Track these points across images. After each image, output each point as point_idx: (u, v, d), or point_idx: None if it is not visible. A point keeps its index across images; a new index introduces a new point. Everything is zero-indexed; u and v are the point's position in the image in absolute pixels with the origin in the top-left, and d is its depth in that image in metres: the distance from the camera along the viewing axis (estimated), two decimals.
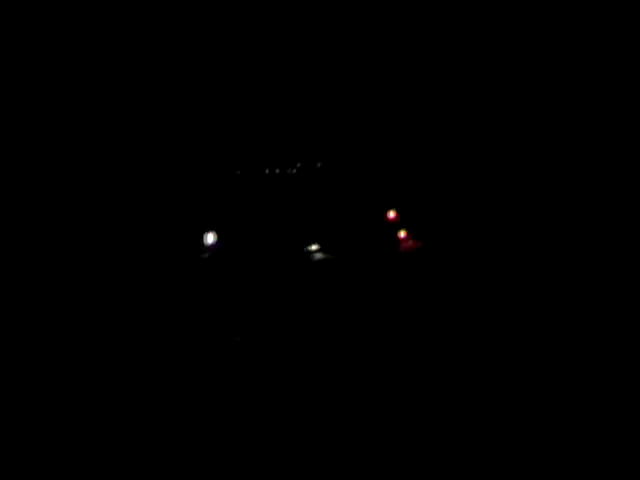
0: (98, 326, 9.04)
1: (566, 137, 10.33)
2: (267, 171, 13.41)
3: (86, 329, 8.90)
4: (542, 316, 9.01)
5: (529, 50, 10.70)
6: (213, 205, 11.94)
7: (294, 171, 13.68)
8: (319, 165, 13.86)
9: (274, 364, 8.87)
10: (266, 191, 13.42)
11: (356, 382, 8.52)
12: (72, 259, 9.52)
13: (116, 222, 10.84)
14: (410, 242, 13.48)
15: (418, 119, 11.97)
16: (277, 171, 13.58)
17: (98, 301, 9.32)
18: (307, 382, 8.52)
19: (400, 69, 12.11)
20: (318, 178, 13.93)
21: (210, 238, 12.33)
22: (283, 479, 7.49)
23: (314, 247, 12.82)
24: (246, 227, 12.84)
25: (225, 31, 10.92)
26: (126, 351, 8.82)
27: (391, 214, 13.36)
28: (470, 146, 12.37)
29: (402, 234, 13.07)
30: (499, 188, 11.82)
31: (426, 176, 13.24)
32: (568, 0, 10.47)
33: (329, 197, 13.84)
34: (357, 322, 9.76)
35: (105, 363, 8.62)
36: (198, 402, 8.25)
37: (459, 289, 10.25)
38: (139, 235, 11.06)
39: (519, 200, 10.92)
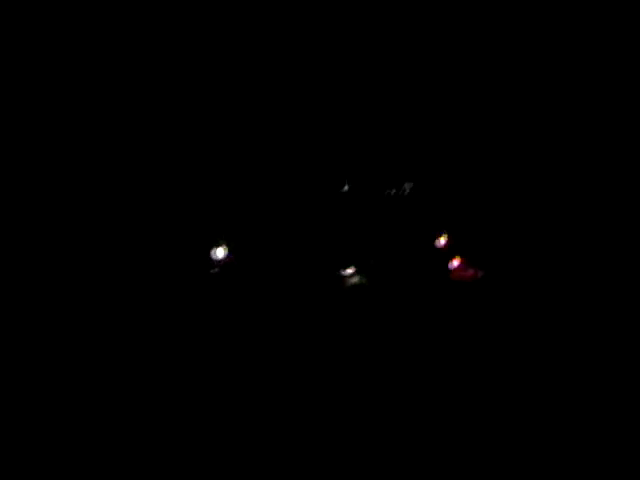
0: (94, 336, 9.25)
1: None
2: (298, 179, 11.03)
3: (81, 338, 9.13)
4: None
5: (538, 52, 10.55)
6: (225, 213, 10.67)
7: (329, 181, 11.25)
8: (357, 177, 11.21)
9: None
10: (295, 202, 11.11)
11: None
12: (72, 267, 9.71)
13: (117, 228, 10.23)
14: (465, 271, 12.46)
15: (467, 130, 10.74)
16: (310, 180, 11.14)
17: (95, 311, 9.53)
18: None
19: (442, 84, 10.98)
20: (358, 192, 11.35)
21: (220, 252, 10.52)
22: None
23: (349, 271, 11.68)
24: (266, 241, 10.94)
25: (227, 33, 10.54)
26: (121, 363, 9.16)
27: (442, 241, 11.47)
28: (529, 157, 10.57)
29: (455, 262, 12.42)
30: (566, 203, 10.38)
31: (481, 192, 10.79)
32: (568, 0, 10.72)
33: (371, 214, 11.51)
34: (389, 365, 9.38)
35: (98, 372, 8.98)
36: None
37: (525, 330, 9.72)
38: (139, 245, 10.22)
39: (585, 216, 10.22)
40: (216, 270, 10.22)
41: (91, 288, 9.48)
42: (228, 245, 10.21)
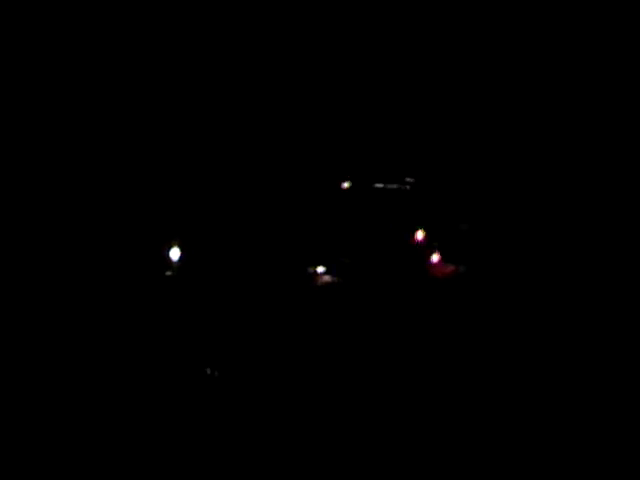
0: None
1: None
2: (265, 175, 10.86)
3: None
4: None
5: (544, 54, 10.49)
6: (181, 212, 10.47)
7: (299, 174, 10.99)
8: (329, 169, 10.98)
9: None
10: (261, 197, 10.68)
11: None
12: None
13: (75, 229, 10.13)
14: (444, 267, 11.79)
15: (446, 129, 11.03)
16: (279, 175, 10.90)
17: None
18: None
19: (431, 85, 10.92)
20: (329, 184, 10.91)
21: (175, 253, 10.32)
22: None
23: (319, 269, 11.09)
24: (226, 239, 10.57)
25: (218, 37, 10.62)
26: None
27: (419, 235, 11.04)
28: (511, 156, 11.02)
29: (434, 258, 11.64)
30: (548, 203, 10.75)
31: (460, 187, 11.00)
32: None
33: (342, 207, 10.95)
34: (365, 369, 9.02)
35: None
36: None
37: (503, 324, 9.52)
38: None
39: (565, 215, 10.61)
40: (172, 272, 9.88)
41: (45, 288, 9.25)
42: (184, 246, 9.90)
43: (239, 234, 10.50)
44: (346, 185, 11.18)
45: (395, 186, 11.21)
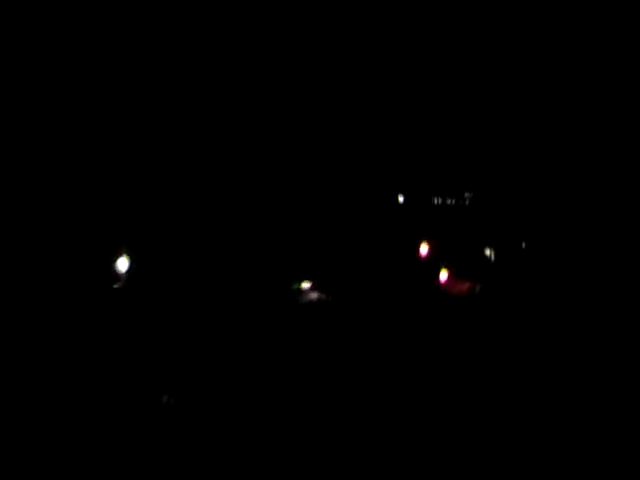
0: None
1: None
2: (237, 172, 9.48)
3: None
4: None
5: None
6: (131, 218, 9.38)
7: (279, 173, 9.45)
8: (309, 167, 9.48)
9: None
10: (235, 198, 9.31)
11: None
12: None
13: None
14: (458, 284, 10.69)
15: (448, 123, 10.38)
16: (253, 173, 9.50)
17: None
18: None
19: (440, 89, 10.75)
20: (311, 183, 9.28)
21: (123, 264, 9.13)
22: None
23: (304, 285, 9.60)
24: (189, 248, 9.34)
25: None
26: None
27: (423, 249, 9.84)
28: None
29: (443, 275, 10.26)
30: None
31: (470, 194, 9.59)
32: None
33: (329, 211, 9.32)
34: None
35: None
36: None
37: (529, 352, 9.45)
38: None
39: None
40: (120, 284, 9.46)
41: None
42: (134, 256, 9.51)
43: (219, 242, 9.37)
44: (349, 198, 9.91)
45: (396, 198, 9.85)
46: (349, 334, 9.26)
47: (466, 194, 10.16)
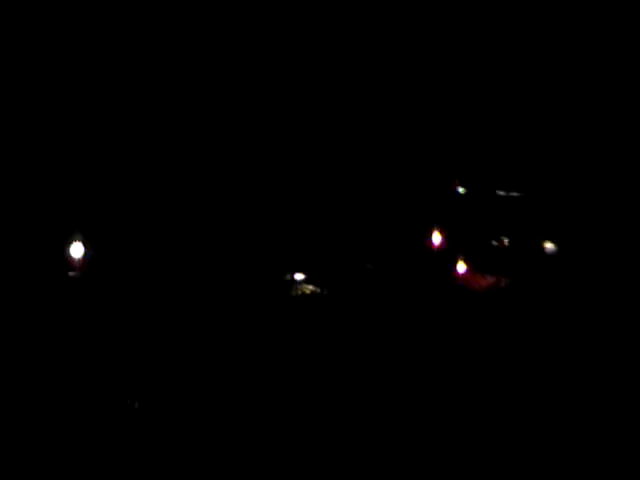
0: None
1: None
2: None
3: None
4: None
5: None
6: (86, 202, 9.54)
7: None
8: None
9: None
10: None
11: None
12: None
13: None
14: (480, 278, 9.69)
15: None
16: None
17: None
18: None
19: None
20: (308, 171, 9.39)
21: (78, 249, 9.02)
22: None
23: (298, 276, 8.78)
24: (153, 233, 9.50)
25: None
26: None
27: (436, 238, 8.10)
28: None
29: (461, 267, 8.91)
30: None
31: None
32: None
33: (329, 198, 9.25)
34: None
35: None
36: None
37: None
38: None
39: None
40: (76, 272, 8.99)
41: None
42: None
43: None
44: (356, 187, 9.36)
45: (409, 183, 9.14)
46: (347, 333, 8.59)
47: (485, 178, 9.44)
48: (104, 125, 10.14)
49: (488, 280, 8.94)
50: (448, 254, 8.85)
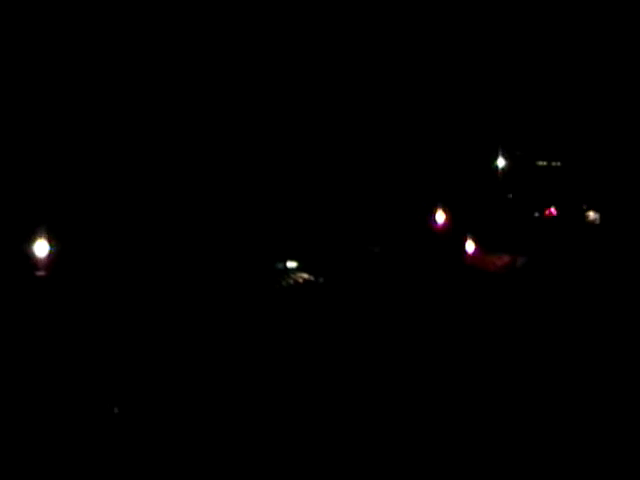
0: None
1: None
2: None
3: None
4: None
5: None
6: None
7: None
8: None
9: None
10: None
11: None
12: None
13: None
14: (495, 258, 9.10)
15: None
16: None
17: None
18: None
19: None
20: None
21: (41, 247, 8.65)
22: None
23: (290, 264, 8.42)
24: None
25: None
26: None
27: (439, 216, 7.94)
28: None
29: (470, 247, 8.16)
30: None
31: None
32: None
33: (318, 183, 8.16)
34: None
35: None
36: None
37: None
38: None
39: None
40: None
41: None
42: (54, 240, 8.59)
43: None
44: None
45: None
46: (347, 324, 7.98)
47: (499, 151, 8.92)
48: (97, 123, 9.92)
49: (503, 260, 8.30)
50: (454, 234, 8.06)
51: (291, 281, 8.08)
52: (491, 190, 9.25)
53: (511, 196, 9.51)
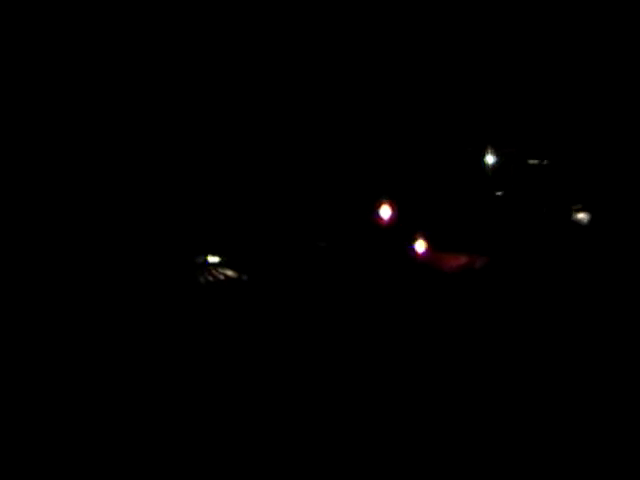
0: None
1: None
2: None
3: None
4: None
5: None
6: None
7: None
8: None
9: None
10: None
11: None
12: None
13: None
14: (451, 258, 8.29)
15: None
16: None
17: None
18: None
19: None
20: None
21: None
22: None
23: (212, 259, 7.86)
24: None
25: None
26: None
27: (384, 211, 7.93)
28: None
29: (420, 246, 7.56)
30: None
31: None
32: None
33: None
34: None
35: None
36: None
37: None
38: None
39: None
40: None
41: None
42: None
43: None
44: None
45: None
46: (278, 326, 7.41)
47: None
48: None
49: (460, 260, 7.66)
50: (402, 231, 7.19)
51: (210, 278, 7.13)
52: (476, 187, 8.84)
53: (500, 194, 9.27)
